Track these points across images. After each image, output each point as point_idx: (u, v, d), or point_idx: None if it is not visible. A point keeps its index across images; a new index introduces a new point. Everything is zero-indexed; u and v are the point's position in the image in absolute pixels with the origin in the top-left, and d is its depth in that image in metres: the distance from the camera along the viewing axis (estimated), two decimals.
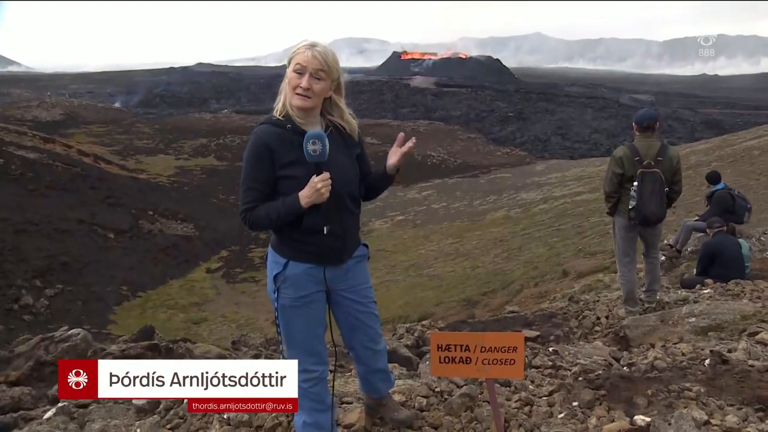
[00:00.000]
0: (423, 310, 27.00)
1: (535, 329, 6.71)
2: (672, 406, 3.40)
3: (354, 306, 3.00)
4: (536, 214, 54.37)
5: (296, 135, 2.70)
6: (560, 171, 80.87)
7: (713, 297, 6.43)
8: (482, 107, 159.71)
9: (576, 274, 20.80)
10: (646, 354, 4.74)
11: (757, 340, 4.55)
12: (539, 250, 38.40)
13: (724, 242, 7.71)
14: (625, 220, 6.25)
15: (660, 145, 6.14)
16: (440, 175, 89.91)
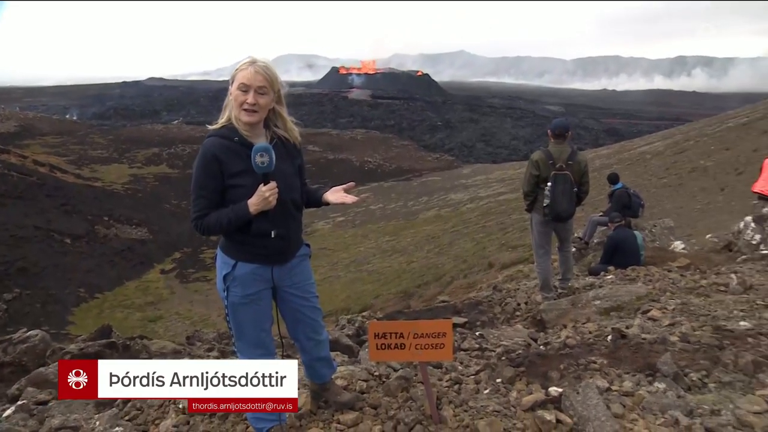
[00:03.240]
0: (363, 302, 27.01)
1: (464, 316, 6.80)
2: (580, 377, 3.54)
3: (298, 301, 3.01)
4: (464, 213, 55.11)
5: (243, 147, 2.70)
6: (485, 174, 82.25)
7: (614, 282, 6.66)
8: (414, 117, 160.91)
9: (500, 265, 21.18)
10: (560, 334, 4.88)
11: (648, 317, 4.77)
12: (467, 245, 38.93)
13: (623, 235, 8.00)
14: (541, 217, 6.40)
15: (570, 150, 6.33)
16: (377, 178, 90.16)
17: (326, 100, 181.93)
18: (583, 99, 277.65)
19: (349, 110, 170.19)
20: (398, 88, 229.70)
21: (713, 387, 3.29)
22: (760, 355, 3.62)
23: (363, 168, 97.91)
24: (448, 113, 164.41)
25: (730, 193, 27.72)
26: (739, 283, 5.56)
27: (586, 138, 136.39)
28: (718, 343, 3.90)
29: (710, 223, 21.08)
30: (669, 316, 4.80)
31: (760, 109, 59.24)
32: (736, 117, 60.36)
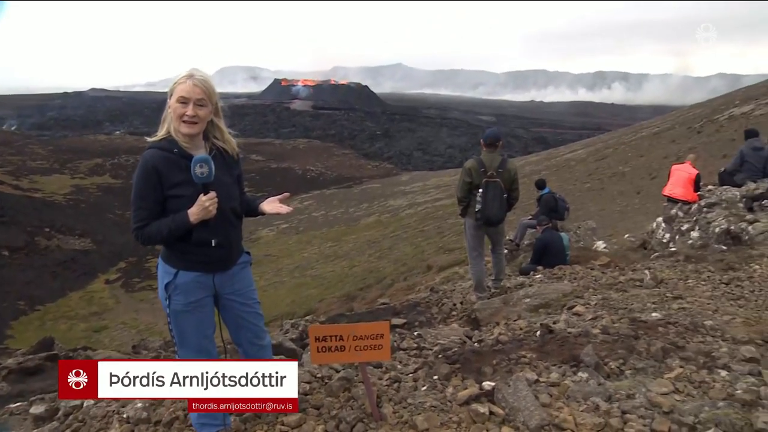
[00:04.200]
0: (308, 306, 26.81)
1: (403, 317, 6.85)
2: (512, 371, 3.62)
3: (240, 307, 2.98)
4: (403, 218, 55.53)
5: (183, 158, 2.66)
6: (422, 181, 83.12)
7: (543, 281, 6.85)
8: (354, 127, 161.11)
9: (438, 268, 21.42)
10: (493, 331, 4.98)
11: (573, 312, 4.94)
12: (407, 249, 39.24)
13: (550, 236, 8.24)
14: (473, 221, 6.52)
15: (501, 159, 6.47)
16: (319, 186, 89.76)
17: (269, 110, 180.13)
18: (513, 110, 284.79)
19: (291, 120, 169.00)
20: (339, 99, 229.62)
21: (629, 373, 3.44)
22: (668, 342, 3.82)
23: (305, 176, 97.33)
24: (387, 123, 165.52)
25: (645, 196, 29.01)
26: (651, 278, 5.83)
27: (516, 146, 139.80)
28: (634, 334, 4.09)
29: (628, 223, 22.01)
30: (591, 310, 4.99)
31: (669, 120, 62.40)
32: (649, 127, 63.33)
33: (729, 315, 4.66)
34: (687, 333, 4.15)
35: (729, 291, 5.34)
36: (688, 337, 4.06)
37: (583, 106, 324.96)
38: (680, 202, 10.06)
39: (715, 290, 5.42)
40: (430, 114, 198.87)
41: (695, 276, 5.97)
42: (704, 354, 3.66)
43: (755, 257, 6.32)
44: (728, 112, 47.79)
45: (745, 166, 9.80)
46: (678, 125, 53.34)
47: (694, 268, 6.34)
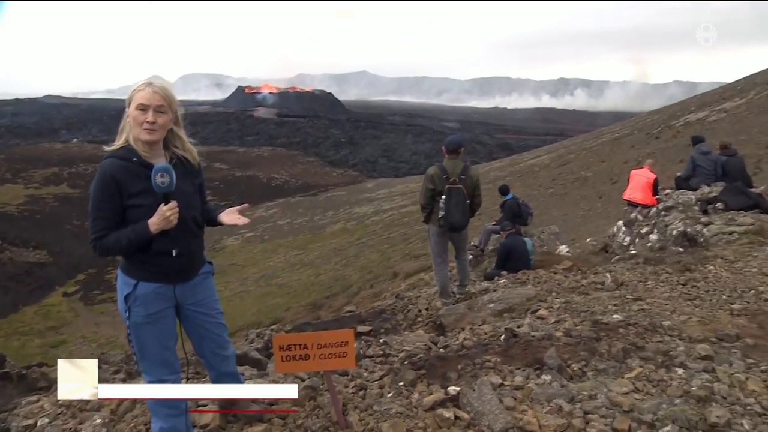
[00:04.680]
0: (274, 315, 26.63)
1: (369, 325, 6.85)
2: (476, 375, 3.66)
3: (202, 318, 2.95)
4: (369, 225, 55.58)
5: (143, 167, 2.63)
6: (388, 187, 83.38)
7: (507, 285, 6.96)
8: (319, 134, 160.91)
9: (404, 274, 21.52)
10: (458, 336, 5.02)
11: (537, 316, 5.03)
12: (373, 256, 39.28)
13: (514, 242, 8.36)
14: (437, 227, 6.58)
15: (464, 165, 6.54)
16: (284, 194, 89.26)
17: (233, 118, 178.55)
18: (477, 116, 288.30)
19: (255, 128, 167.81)
20: (303, 106, 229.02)
21: (591, 375, 3.52)
22: (628, 343, 3.93)
23: (270, 184, 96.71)
24: (351, 130, 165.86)
25: (606, 200, 29.70)
26: (612, 281, 5.97)
27: (481, 152, 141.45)
28: (596, 336, 4.18)
29: (591, 227, 22.49)
30: (555, 314, 5.08)
31: (629, 126, 64.05)
32: (609, 133, 64.89)
33: (686, 315, 4.81)
34: (646, 333, 4.27)
35: (686, 291, 5.51)
36: (647, 337, 4.18)
37: (547, 113, 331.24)
38: (639, 206, 10.35)
39: (672, 291, 5.58)
40: (395, 121, 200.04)
41: (654, 278, 6.14)
42: (662, 353, 3.77)
43: (710, 258, 6.54)
44: (684, 118, 49.37)
45: (697, 170, 10.16)
46: (637, 131, 54.85)
47: (653, 270, 6.52)
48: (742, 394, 3.10)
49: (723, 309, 4.94)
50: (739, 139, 31.34)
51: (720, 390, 3.12)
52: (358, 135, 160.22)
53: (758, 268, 5.98)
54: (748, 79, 58.45)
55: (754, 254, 6.50)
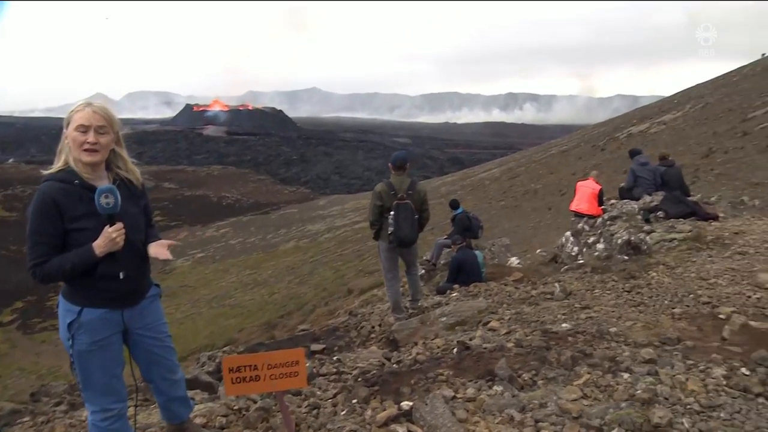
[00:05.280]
0: (227, 337, 26.16)
1: (322, 343, 6.83)
2: (429, 389, 3.70)
3: (151, 342, 2.89)
4: (322, 242, 55.36)
5: (85, 190, 2.58)
6: (340, 204, 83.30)
7: (459, 299, 7.04)
8: (269, 152, 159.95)
9: (359, 291, 21.50)
10: (411, 351, 5.06)
11: (489, 328, 5.11)
12: (327, 273, 39.10)
13: (465, 255, 8.47)
14: (387, 243, 6.63)
15: (410, 181, 6.64)
16: (235, 213, 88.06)
17: (181, 137, 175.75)
18: (428, 131, 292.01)
19: (204, 147, 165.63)
20: (254, 124, 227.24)
21: (541, 383, 3.60)
22: (577, 351, 4.04)
23: (221, 203, 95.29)
24: (303, 148, 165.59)
25: (556, 211, 30.43)
26: (561, 291, 6.13)
27: (432, 167, 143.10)
28: (546, 345, 4.28)
29: (541, 239, 23.00)
30: (506, 325, 5.18)
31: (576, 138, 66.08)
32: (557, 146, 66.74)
33: (631, 321, 4.98)
34: (594, 340, 4.40)
35: (631, 298, 5.71)
36: (595, 344, 4.31)
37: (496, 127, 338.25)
38: (586, 217, 10.68)
39: (618, 298, 5.77)
40: (347, 137, 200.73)
41: (601, 286, 6.34)
42: (609, 359, 3.89)
43: (653, 265, 6.79)
44: (627, 130, 51.22)
45: (639, 181, 10.59)
46: (583, 143, 56.58)
47: (599, 278, 6.72)
48: (683, 394, 3.24)
49: (665, 313, 5.13)
50: (678, 149, 32.70)
51: (662, 392, 3.25)
52: (309, 152, 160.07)
53: (696, 272, 6.25)
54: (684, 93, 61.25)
55: (693, 259, 6.79)
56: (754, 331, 4.38)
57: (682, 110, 48.95)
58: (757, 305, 5.10)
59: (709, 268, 6.39)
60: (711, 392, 3.26)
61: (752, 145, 27.21)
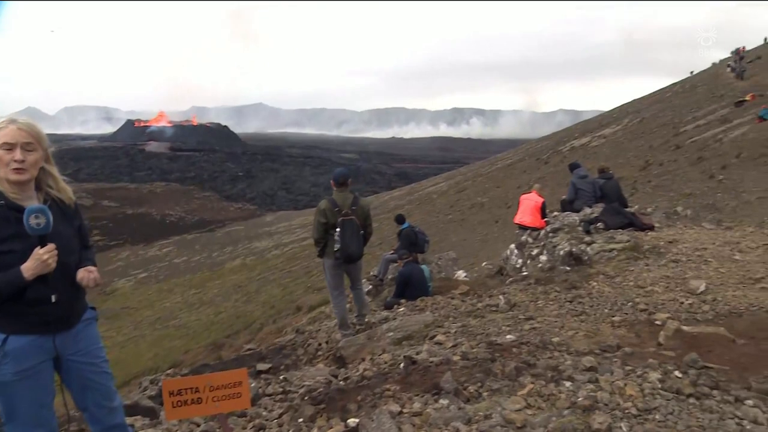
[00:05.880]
0: (172, 359, 25.41)
1: (269, 362, 6.74)
2: (376, 405, 3.70)
3: (86, 368, 2.77)
4: (270, 259, 54.70)
5: (12, 211, 2.47)
6: (287, 221, 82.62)
7: (406, 313, 7.07)
8: (214, 168, 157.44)
9: (307, 308, 21.30)
10: (358, 367, 5.06)
11: (435, 342, 5.16)
12: (275, 291, 38.61)
13: (412, 269, 8.52)
14: (332, 260, 6.63)
15: (353, 197, 6.69)
16: (179, 231, 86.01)
17: (121, 153, 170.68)
18: (375, 146, 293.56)
19: (147, 163, 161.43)
20: (198, 140, 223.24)
21: (486, 395, 3.66)
22: (521, 362, 4.13)
23: (164, 221, 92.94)
24: (249, 164, 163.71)
25: (502, 224, 31.01)
26: (506, 303, 6.26)
27: (380, 182, 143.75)
28: (491, 357, 4.36)
29: (488, 251, 23.38)
30: (452, 338, 5.24)
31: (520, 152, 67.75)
32: (503, 159, 68.24)
33: (573, 330, 5.13)
34: (537, 351, 4.50)
35: (573, 308, 5.88)
36: (538, 354, 4.41)
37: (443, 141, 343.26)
38: (530, 229, 10.95)
39: (561, 308, 5.94)
40: (293, 153, 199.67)
41: (544, 297, 6.50)
42: (552, 368, 3.99)
43: (593, 275, 7.03)
44: (570, 143, 52.90)
45: (579, 193, 10.95)
46: (528, 157, 58.08)
47: (543, 289, 6.89)
48: (621, 399, 3.36)
49: (605, 322, 5.32)
50: (618, 162, 33.98)
51: (602, 398, 3.35)
52: (255, 168, 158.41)
53: (634, 281, 6.50)
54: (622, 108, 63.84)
55: (631, 269, 7.06)
56: (686, 335, 4.59)
57: (621, 124, 50.96)
58: (689, 311, 5.35)
59: (646, 276, 6.66)
60: (647, 396, 3.39)
61: (684, 157, 28.54)
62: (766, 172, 19.96)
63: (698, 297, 5.69)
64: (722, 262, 6.92)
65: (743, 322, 4.94)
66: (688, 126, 36.13)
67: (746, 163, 22.25)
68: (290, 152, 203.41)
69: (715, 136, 29.65)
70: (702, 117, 36.93)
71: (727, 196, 18.75)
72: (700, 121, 35.70)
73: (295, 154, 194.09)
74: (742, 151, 24.08)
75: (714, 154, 26.21)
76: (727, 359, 4.09)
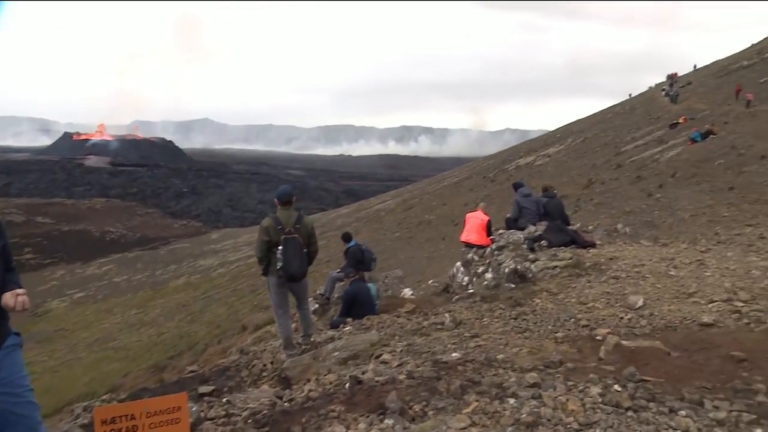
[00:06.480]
0: (110, 383, 24.48)
1: (212, 384, 6.55)
2: (321, 427, 3.65)
3: (7, 399, 2.63)
4: (215, 278, 53.66)
5: None
6: (233, 238, 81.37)
7: (352, 332, 7.04)
8: (158, 184, 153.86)
9: (253, 327, 20.96)
10: (303, 388, 4.97)
11: (381, 361, 5.14)
12: (220, 310, 37.85)
13: (358, 288, 8.50)
14: (276, 279, 6.56)
15: (297, 215, 6.66)
16: (120, 249, 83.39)
17: (58, 167, 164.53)
18: (323, 163, 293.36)
19: (86, 178, 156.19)
20: (141, 155, 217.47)
21: (431, 414, 3.66)
22: (466, 379, 4.16)
23: (104, 238, 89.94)
24: (194, 180, 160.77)
25: (449, 241, 31.39)
26: (451, 321, 6.31)
27: (327, 199, 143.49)
28: (436, 375, 4.37)
29: (435, 269, 23.58)
30: (398, 357, 5.23)
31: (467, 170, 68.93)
32: (450, 177, 69.25)
33: (517, 347, 5.21)
34: (482, 368, 4.54)
35: (517, 325, 5.97)
36: (483, 371, 4.45)
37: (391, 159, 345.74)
38: (475, 247, 11.11)
39: (506, 326, 6.02)
40: (240, 170, 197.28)
41: (489, 314, 6.59)
42: (497, 386, 4.03)
43: (537, 292, 7.17)
44: (515, 162, 54.24)
45: (523, 212, 11.21)
46: (475, 175, 59.19)
47: (488, 307, 6.98)
48: (564, 414, 3.42)
49: (549, 338, 5.42)
50: (562, 181, 35.06)
51: (545, 414, 3.41)
52: (201, 184, 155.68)
53: (576, 297, 6.67)
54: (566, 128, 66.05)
55: (573, 285, 7.25)
56: (625, 349, 4.72)
57: (565, 144, 52.65)
58: (628, 325, 5.52)
59: (588, 292, 6.84)
60: (588, 410, 3.47)
61: (625, 176, 29.70)
62: (699, 191, 20.97)
63: (636, 312, 5.87)
64: (659, 277, 7.18)
65: (677, 335, 5.13)
66: (627, 146, 37.66)
67: (681, 183, 23.34)
68: (237, 169, 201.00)
69: (652, 156, 31.02)
70: (640, 138, 38.60)
71: (664, 213, 19.59)
72: (639, 142, 37.31)
73: (242, 171, 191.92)
74: (677, 171, 25.25)
75: (652, 174, 27.39)
76: (662, 372, 4.23)
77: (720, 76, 54.42)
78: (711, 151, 25.65)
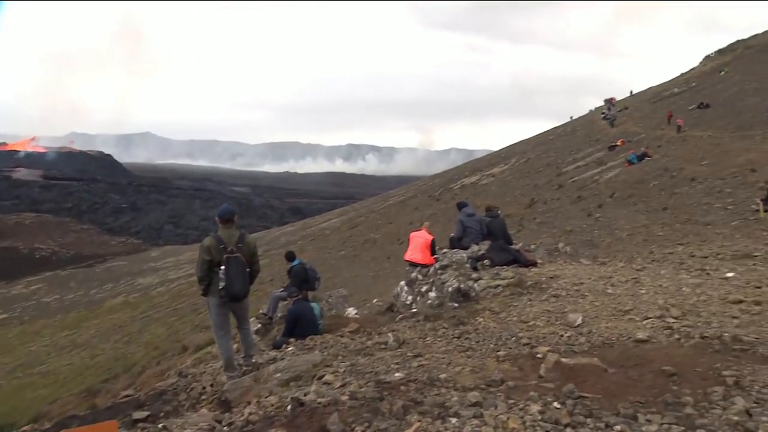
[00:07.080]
0: (35, 411, 23.23)
1: (147, 409, 6.33)
2: None
3: None
4: (154, 297, 52.11)
5: None
6: (174, 256, 79.35)
7: (295, 353, 6.94)
8: (95, 199, 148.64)
9: (195, 347, 20.42)
10: (243, 411, 4.86)
11: (323, 382, 5.07)
12: (159, 330, 36.76)
13: (301, 307, 8.40)
14: (217, 299, 6.42)
15: (240, 234, 6.56)
16: (51, 267, 79.89)
17: None
18: (269, 180, 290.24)
19: (14, 191, 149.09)
20: (77, 168, 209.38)
21: None
22: (408, 399, 4.15)
23: (33, 255, 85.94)
24: (134, 195, 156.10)
25: (394, 260, 31.48)
26: (395, 340, 6.30)
27: (272, 217, 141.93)
28: (379, 395, 4.34)
29: (380, 288, 23.58)
30: (340, 378, 5.17)
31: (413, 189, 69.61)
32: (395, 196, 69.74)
33: (460, 366, 5.24)
34: (425, 388, 4.54)
35: (460, 344, 6.02)
36: (425, 391, 4.45)
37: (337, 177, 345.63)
38: (419, 266, 11.17)
39: (448, 345, 6.05)
40: (182, 185, 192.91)
41: (432, 333, 6.61)
42: (439, 405, 4.04)
43: (480, 311, 7.25)
44: (460, 181, 55.13)
45: (467, 231, 11.37)
46: (420, 194, 59.78)
47: (431, 326, 7.01)
48: None
49: (491, 356, 5.48)
50: (505, 200, 35.85)
51: None
52: (141, 200, 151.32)
53: (518, 316, 6.78)
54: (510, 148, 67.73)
55: (515, 304, 7.37)
56: (565, 366, 4.82)
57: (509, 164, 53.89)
58: (567, 343, 5.65)
59: (529, 311, 6.97)
60: (528, 428, 3.52)
61: (566, 196, 30.62)
62: (635, 211, 21.82)
63: (575, 330, 6.01)
64: (597, 295, 7.38)
65: (614, 351, 5.27)
66: (569, 167, 38.88)
67: (618, 203, 24.24)
68: (179, 184, 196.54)
69: (592, 177, 32.13)
70: (581, 159, 39.96)
71: (603, 232, 20.26)
72: (580, 163, 38.61)
73: (185, 186, 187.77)
74: (615, 192, 26.23)
75: (591, 194, 28.36)
76: (599, 388, 4.34)
77: (654, 102, 57.19)
78: (646, 173, 26.79)
